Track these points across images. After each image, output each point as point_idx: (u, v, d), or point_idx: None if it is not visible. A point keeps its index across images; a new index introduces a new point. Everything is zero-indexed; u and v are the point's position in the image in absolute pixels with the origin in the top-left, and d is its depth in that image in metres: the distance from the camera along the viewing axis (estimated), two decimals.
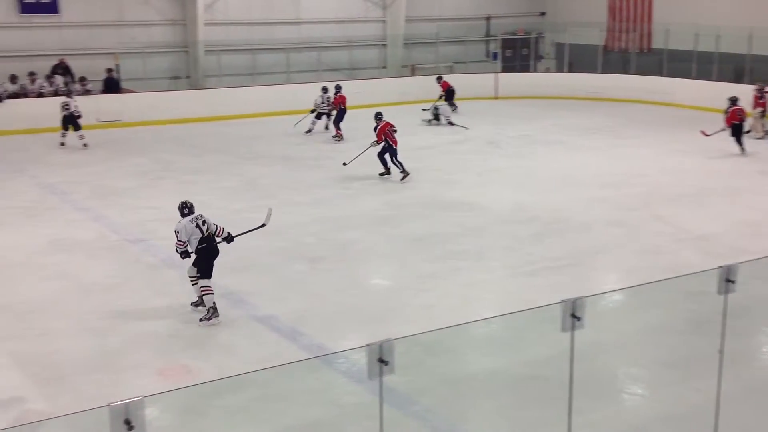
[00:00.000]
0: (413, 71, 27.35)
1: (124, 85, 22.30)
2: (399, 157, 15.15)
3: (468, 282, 10.01)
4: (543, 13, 30.43)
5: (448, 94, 22.72)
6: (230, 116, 21.76)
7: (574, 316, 5.32)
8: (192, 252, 8.92)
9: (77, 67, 21.80)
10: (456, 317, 8.30)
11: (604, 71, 26.01)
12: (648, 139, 19.22)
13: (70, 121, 18.24)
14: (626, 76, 25.57)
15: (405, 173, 15.09)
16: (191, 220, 8.93)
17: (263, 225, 9.60)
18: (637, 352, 7.96)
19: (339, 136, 19.06)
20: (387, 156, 15.21)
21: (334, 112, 19.57)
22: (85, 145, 18.30)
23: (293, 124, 19.95)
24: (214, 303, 8.75)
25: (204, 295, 8.81)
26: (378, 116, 15.46)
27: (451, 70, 27.77)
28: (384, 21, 27.65)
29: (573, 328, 5.27)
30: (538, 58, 29.19)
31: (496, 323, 7.59)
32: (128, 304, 9.26)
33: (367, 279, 10.48)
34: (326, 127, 19.95)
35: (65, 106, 18.26)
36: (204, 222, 8.95)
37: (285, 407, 6.60)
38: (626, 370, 7.66)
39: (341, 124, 19.25)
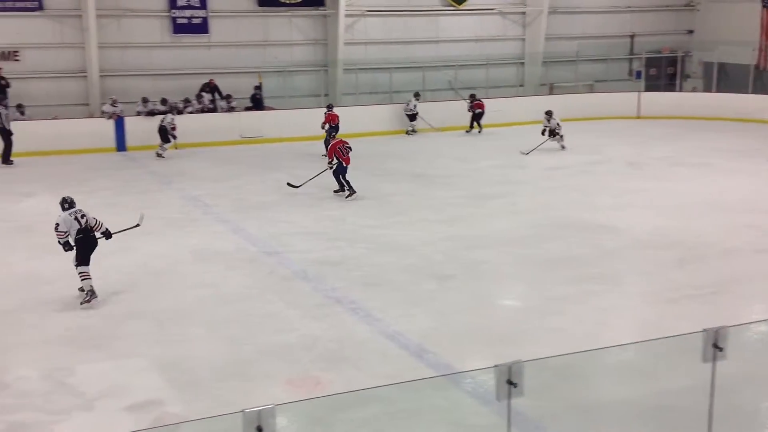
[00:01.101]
0: (551, 90, 26.97)
1: (265, 102, 23.14)
2: (348, 176, 15.17)
3: (603, 307, 9.70)
4: (691, 31, 29.35)
5: (480, 114, 23.46)
6: (365, 133, 22.09)
7: (716, 346, 5.09)
8: (72, 243, 9.72)
9: (222, 85, 22.78)
10: (589, 342, 8.04)
11: (755, 92, 24.80)
12: None
13: (161, 132, 19.49)
14: None
15: (352, 192, 15.12)
16: (70, 214, 9.71)
17: (137, 225, 10.06)
18: None
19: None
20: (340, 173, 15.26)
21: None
22: (159, 155, 19.56)
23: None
24: (91, 286, 9.62)
25: (83, 280, 9.66)
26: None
27: (591, 89, 27.25)
28: (523, 39, 27.44)
29: (714, 359, 5.04)
30: (685, 77, 28.17)
31: (631, 350, 7.29)
32: (262, 314, 9.50)
33: (497, 299, 10.33)
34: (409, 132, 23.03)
35: (161, 120, 19.69)
36: (83, 216, 9.78)
37: (411, 425, 6.56)
38: None
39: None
